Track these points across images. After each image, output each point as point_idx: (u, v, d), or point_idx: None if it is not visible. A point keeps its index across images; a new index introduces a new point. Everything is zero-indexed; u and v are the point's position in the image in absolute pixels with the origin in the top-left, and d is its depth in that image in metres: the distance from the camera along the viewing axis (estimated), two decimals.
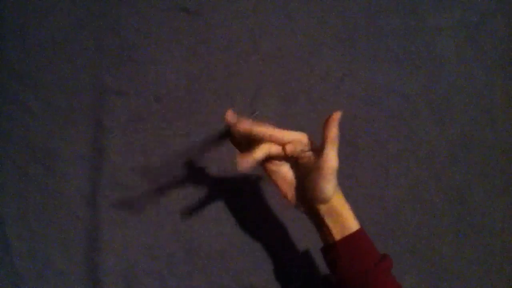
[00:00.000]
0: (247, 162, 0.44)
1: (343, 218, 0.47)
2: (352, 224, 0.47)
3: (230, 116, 0.47)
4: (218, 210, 0.63)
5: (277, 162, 0.48)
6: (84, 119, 0.64)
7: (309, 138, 0.47)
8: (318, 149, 0.47)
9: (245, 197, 0.63)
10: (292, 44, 0.64)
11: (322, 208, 0.47)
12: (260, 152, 0.45)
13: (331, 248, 0.47)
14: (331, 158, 0.45)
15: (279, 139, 0.46)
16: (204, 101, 0.64)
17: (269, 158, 0.47)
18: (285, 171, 0.48)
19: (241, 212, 0.63)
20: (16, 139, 0.64)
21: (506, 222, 0.63)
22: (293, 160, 0.48)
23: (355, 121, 0.64)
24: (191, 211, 0.63)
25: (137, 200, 0.63)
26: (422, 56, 0.64)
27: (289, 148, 0.46)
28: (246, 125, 0.45)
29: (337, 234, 0.47)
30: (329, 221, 0.47)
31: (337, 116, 0.47)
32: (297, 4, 0.65)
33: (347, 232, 0.47)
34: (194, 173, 0.63)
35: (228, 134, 0.49)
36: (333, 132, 0.46)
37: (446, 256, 0.63)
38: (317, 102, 0.64)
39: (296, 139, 0.46)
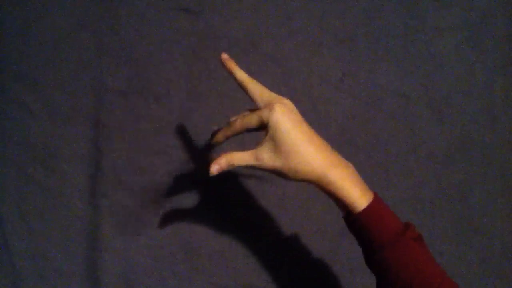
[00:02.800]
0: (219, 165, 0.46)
1: (353, 191, 0.45)
2: (362, 196, 0.45)
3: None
4: (218, 210, 0.63)
5: None
6: (84, 119, 0.64)
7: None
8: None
9: (246, 197, 0.63)
10: (292, 44, 0.64)
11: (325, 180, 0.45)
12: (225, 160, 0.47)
13: (352, 220, 0.46)
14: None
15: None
16: (204, 101, 0.64)
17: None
18: None
19: (241, 212, 0.63)
20: (16, 139, 0.64)
21: (506, 222, 0.63)
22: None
23: (355, 121, 0.64)
24: (191, 211, 0.63)
25: (137, 200, 0.63)
26: (422, 56, 0.64)
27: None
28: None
29: (355, 207, 0.45)
30: (340, 197, 0.45)
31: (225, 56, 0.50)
32: (297, 4, 0.65)
33: (363, 205, 0.45)
34: (194, 173, 0.63)
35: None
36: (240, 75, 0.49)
37: (446, 256, 0.63)
38: (317, 102, 0.64)
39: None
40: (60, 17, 0.64)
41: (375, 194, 0.47)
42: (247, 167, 0.47)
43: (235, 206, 0.63)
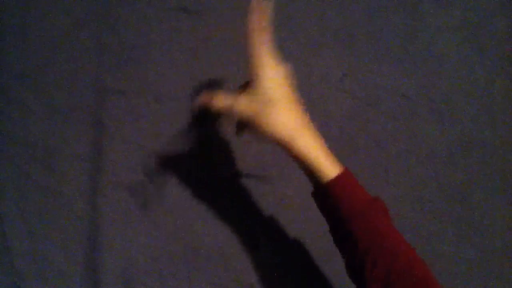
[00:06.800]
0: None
1: (323, 159, 0.46)
2: (333, 165, 0.46)
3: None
4: (218, 210, 0.63)
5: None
6: (84, 119, 0.64)
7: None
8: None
9: (246, 197, 0.63)
10: (292, 44, 0.64)
11: (296, 147, 0.46)
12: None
13: (320, 191, 0.46)
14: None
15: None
16: None
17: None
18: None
19: (241, 212, 0.63)
20: (16, 139, 0.64)
21: (506, 222, 0.63)
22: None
23: (355, 121, 0.64)
24: (191, 211, 0.63)
25: (137, 200, 0.63)
26: (422, 56, 0.64)
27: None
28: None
29: (325, 176, 0.45)
30: (310, 163, 0.46)
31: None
32: (297, 4, 0.65)
33: (333, 174, 0.45)
34: (194, 173, 0.64)
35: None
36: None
37: (446, 256, 0.63)
38: (317, 102, 0.64)
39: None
40: (60, 17, 0.64)
41: (345, 167, 0.47)
42: (225, 111, 0.48)
43: (234, 207, 0.63)
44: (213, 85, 0.64)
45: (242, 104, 0.47)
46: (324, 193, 0.46)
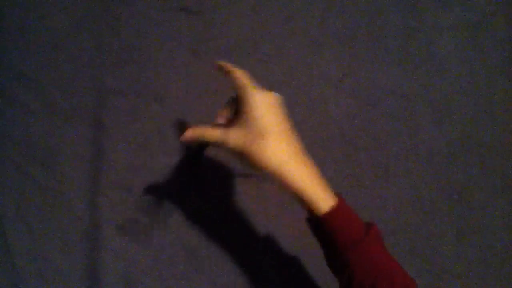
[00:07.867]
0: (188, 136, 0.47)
1: (317, 191, 0.45)
2: (327, 196, 0.45)
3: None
4: (218, 210, 0.63)
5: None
6: (84, 119, 0.64)
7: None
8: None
9: (245, 198, 0.63)
10: (292, 44, 0.64)
11: (289, 178, 0.44)
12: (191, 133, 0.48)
13: (314, 222, 0.46)
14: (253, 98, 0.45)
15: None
16: (204, 101, 0.64)
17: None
18: None
19: (241, 212, 0.63)
20: (16, 139, 0.64)
21: (506, 222, 0.63)
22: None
23: (355, 121, 0.64)
24: (191, 211, 0.63)
25: (137, 200, 0.63)
26: (422, 56, 0.64)
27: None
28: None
29: (319, 208, 0.44)
30: (302, 195, 0.44)
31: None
32: (297, 4, 0.65)
33: (327, 206, 0.44)
34: (194, 173, 0.64)
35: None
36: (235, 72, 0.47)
37: (446, 256, 0.63)
38: (317, 102, 0.64)
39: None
40: (60, 17, 0.64)
41: (340, 195, 0.47)
42: (215, 144, 0.46)
43: (235, 206, 0.63)
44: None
45: (233, 138, 0.45)
46: (318, 225, 0.46)
